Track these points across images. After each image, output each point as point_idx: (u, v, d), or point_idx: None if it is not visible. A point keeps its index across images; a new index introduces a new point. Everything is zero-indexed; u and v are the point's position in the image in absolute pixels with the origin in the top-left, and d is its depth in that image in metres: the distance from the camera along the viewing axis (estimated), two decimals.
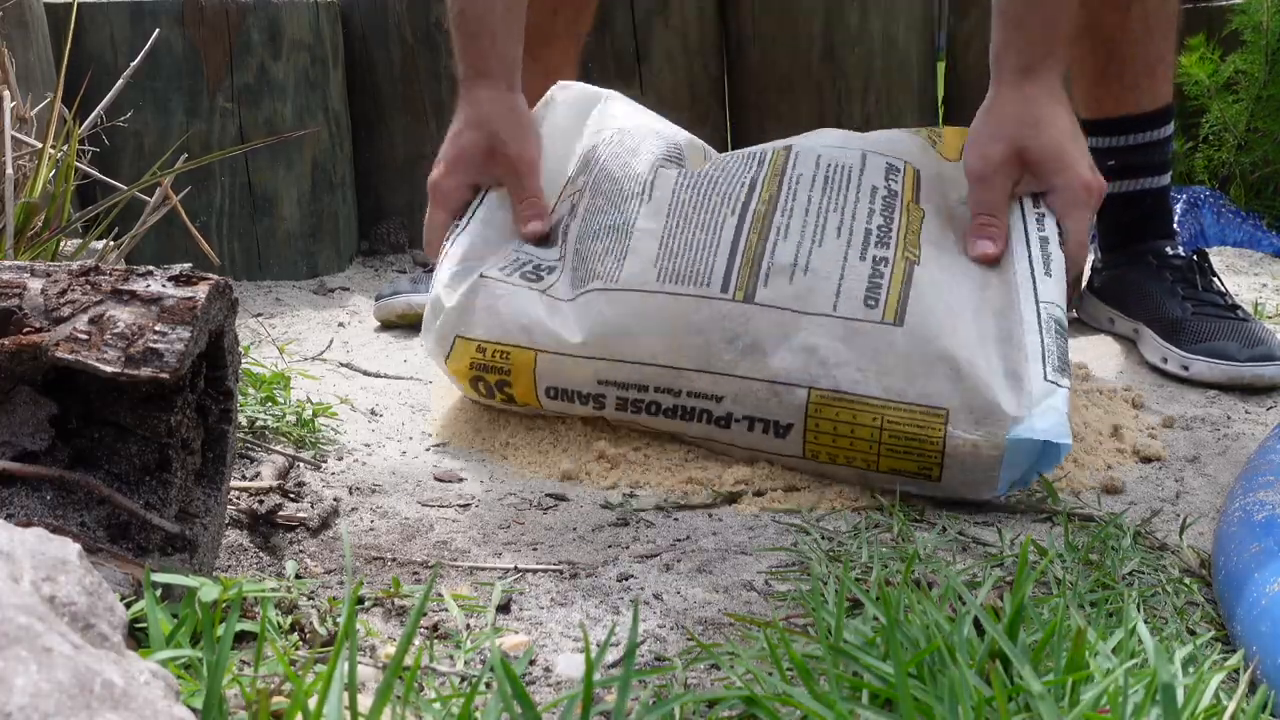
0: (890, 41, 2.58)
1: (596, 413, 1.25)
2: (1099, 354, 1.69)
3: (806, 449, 1.16)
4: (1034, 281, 1.17)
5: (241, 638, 0.78)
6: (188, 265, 1.27)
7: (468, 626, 0.86)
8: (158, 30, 1.67)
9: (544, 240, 1.35)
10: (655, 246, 1.23)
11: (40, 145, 1.24)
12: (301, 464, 1.22)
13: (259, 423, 1.27)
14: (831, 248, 1.19)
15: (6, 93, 1.26)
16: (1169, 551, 1.03)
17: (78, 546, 0.57)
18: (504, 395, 1.27)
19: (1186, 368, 1.57)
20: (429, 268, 2.01)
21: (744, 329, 1.17)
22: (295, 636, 0.80)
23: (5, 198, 1.17)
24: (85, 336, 0.76)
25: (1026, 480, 1.12)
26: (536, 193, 1.37)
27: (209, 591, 0.72)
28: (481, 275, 1.28)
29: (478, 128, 1.40)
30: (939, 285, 1.16)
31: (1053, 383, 1.10)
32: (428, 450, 1.33)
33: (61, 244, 1.23)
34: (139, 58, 1.40)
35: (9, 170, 1.18)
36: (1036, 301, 1.15)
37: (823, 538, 1.06)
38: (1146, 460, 1.30)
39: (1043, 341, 1.12)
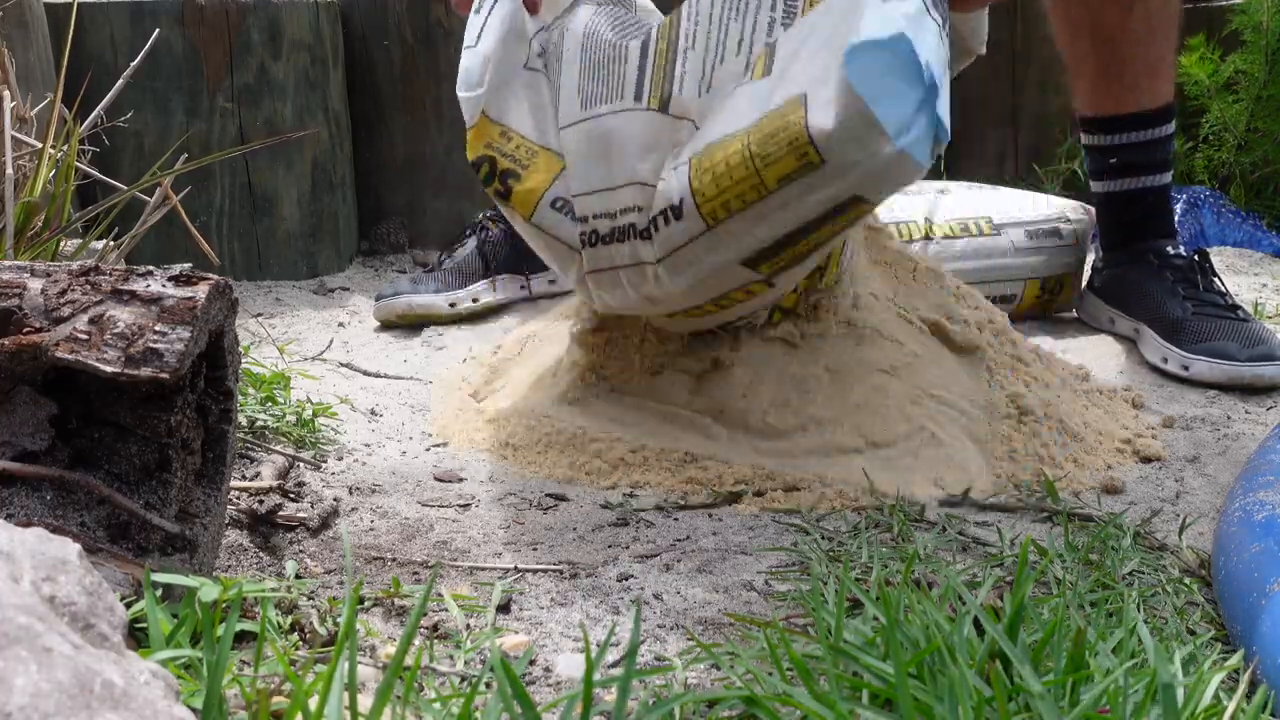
0: None
1: (573, 242, 1.22)
2: (1099, 354, 1.69)
3: (702, 211, 1.11)
4: None
5: (241, 638, 0.78)
6: (188, 265, 1.27)
7: (468, 626, 0.86)
8: (158, 30, 1.67)
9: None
10: (576, 74, 1.22)
11: (40, 145, 1.24)
12: (301, 464, 1.22)
13: (259, 423, 1.27)
14: (731, 66, 1.17)
15: (6, 93, 1.25)
16: (1169, 551, 1.03)
17: (78, 546, 0.57)
18: (501, 186, 1.22)
19: (1187, 368, 1.57)
20: (429, 268, 2.02)
21: (657, 140, 1.17)
22: (295, 636, 0.80)
23: (5, 198, 1.17)
24: (85, 336, 0.76)
25: (928, 115, 1.00)
26: None
27: (209, 591, 0.72)
28: (528, 66, 1.26)
29: None
30: (810, 25, 1.12)
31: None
32: (428, 450, 1.33)
33: (61, 244, 1.23)
34: (139, 58, 1.40)
35: (9, 170, 1.18)
36: None
37: (823, 538, 1.06)
38: (1146, 460, 1.30)
39: None
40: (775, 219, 1.09)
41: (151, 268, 0.81)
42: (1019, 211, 1.86)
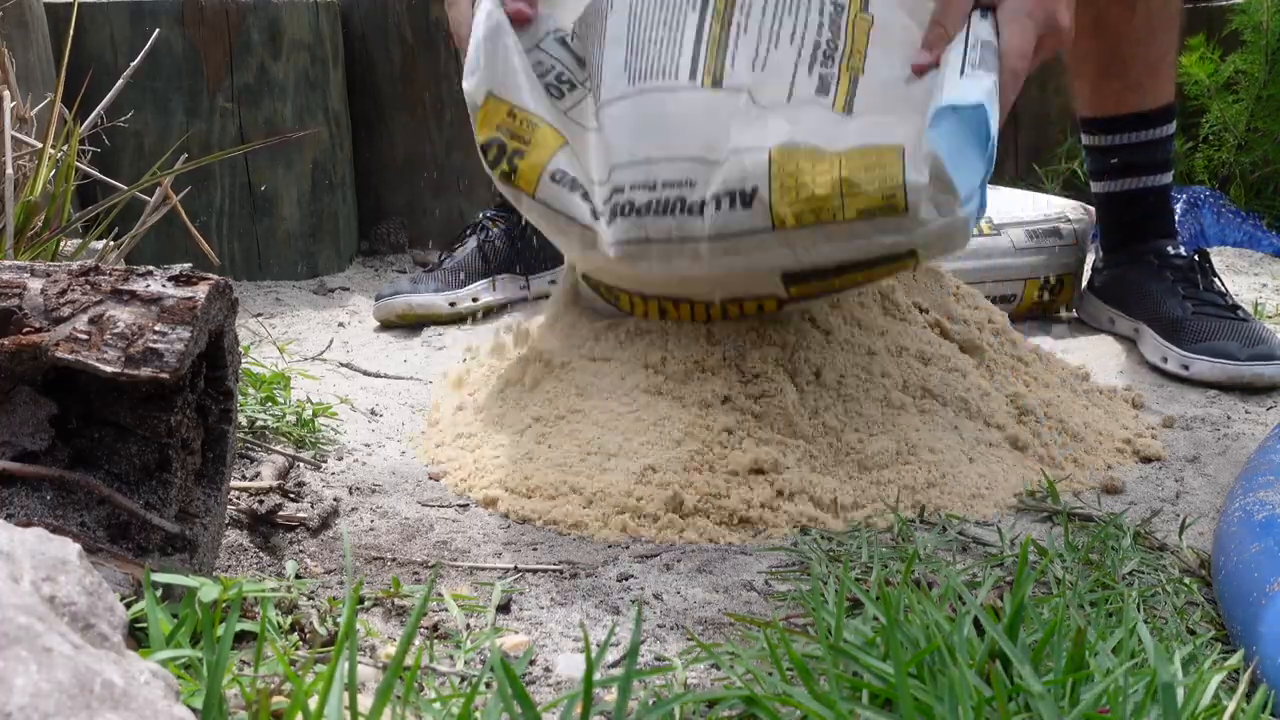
0: None
1: (577, 215, 1.23)
2: (1099, 354, 1.69)
3: (774, 214, 1.12)
4: (961, 72, 1.14)
5: (241, 638, 0.78)
6: (188, 265, 1.27)
7: (468, 626, 0.86)
8: (158, 30, 1.67)
9: (527, 25, 1.31)
10: (623, 53, 1.23)
11: (40, 145, 1.24)
12: (301, 464, 1.22)
13: (259, 423, 1.27)
14: (785, 52, 1.19)
15: (6, 93, 1.26)
16: (1169, 551, 1.03)
17: (78, 546, 0.57)
18: (508, 167, 1.25)
19: (1187, 367, 1.57)
20: (429, 267, 2.02)
21: (712, 115, 1.17)
22: (295, 636, 0.80)
23: (5, 198, 1.17)
24: (85, 336, 0.76)
25: (984, 189, 1.11)
26: None
27: (209, 591, 0.72)
28: (540, 47, 1.28)
29: None
30: (883, 85, 1.17)
31: (967, 76, 1.11)
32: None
33: (61, 244, 1.23)
34: (139, 58, 1.40)
35: (9, 170, 1.18)
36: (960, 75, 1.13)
37: (823, 538, 1.06)
38: (1146, 460, 1.30)
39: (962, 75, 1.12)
40: (837, 245, 1.13)
41: (151, 268, 0.81)
42: (1019, 211, 1.86)
